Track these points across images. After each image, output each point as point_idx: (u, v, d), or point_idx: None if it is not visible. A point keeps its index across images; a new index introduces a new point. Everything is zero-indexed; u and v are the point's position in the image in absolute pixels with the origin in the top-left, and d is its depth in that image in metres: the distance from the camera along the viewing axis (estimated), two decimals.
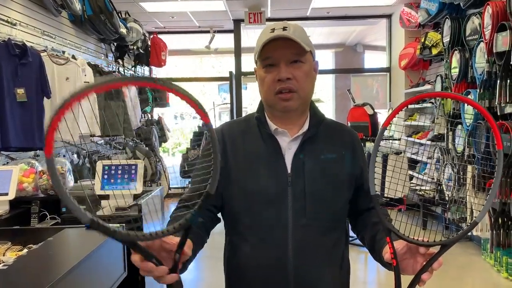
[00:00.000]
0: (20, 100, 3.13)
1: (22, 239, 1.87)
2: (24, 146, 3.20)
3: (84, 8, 4.32)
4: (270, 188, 1.17)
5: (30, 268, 1.48)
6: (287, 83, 1.14)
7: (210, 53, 9.23)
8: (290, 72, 1.14)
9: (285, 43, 1.12)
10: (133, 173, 2.45)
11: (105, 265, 1.79)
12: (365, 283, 3.99)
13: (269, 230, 1.17)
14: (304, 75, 1.16)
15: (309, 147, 1.20)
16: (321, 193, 1.18)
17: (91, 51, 4.95)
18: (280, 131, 1.21)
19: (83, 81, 3.93)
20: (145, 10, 6.17)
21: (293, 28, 1.15)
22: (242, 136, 1.24)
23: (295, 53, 1.14)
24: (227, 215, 1.24)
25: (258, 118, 1.24)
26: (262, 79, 1.18)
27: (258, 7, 6.35)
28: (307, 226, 1.16)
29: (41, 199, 2.47)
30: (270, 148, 1.20)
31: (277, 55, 1.14)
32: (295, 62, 1.15)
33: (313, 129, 1.22)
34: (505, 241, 3.80)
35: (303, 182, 1.17)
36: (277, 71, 1.14)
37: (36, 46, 3.54)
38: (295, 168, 1.18)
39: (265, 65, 1.16)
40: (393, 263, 0.98)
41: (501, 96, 3.57)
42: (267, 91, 1.18)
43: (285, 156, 1.19)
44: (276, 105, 1.18)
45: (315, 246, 1.17)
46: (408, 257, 1.02)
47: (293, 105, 1.17)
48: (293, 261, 1.15)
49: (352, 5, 6.39)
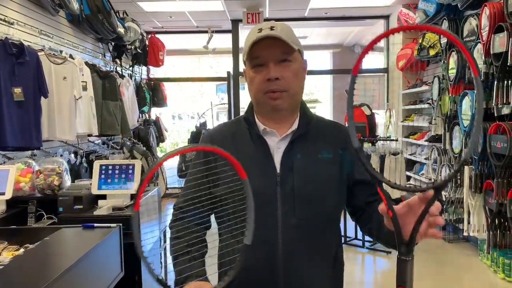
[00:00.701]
0: (17, 99, 3.12)
1: (18, 239, 1.87)
2: (21, 145, 3.19)
3: (82, 8, 4.31)
4: (259, 188, 1.15)
5: (26, 268, 1.47)
6: (276, 83, 1.15)
7: (208, 53, 9.23)
8: (279, 72, 1.14)
9: (273, 42, 1.13)
10: (130, 173, 2.45)
11: (102, 265, 1.79)
12: (361, 283, 3.99)
13: (258, 231, 1.16)
14: (293, 75, 1.17)
15: (298, 146, 1.20)
16: (311, 192, 1.17)
17: (88, 50, 4.94)
18: (269, 131, 1.21)
19: (81, 80, 3.92)
20: (143, 9, 6.16)
21: (281, 27, 1.15)
22: (232, 138, 1.25)
23: (283, 52, 1.15)
24: (219, 215, 1.25)
25: (246, 118, 1.25)
26: (251, 79, 1.19)
27: (256, 7, 6.36)
28: (297, 226, 1.16)
29: (37, 199, 2.46)
30: (259, 149, 1.20)
31: (266, 54, 1.15)
32: (283, 61, 1.16)
33: (302, 128, 1.22)
34: (502, 242, 3.81)
35: (292, 182, 1.17)
36: (266, 71, 1.15)
37: (34, 46, 3.53)
38: (284, 167, 1.18)
39: (254, 65, 1.17)
40: (389, 214, 0.90)
41: (498, 97, 3.58)
42: (256, 91, 1.19)
43: (274, 156, 1.20)
44: (265, 105, 1.19)
45: (305, 246, 1.17)
46: (410, 219, 0.91)
47: (282, 104, 1.18)
48: (282, 261, 1.15)
49: (350, 6, 6.40)
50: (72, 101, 3.79)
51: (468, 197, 4.18)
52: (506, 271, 3.71)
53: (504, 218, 3.72)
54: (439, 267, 4.15)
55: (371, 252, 4.61)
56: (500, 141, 3.55)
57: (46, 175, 2.55)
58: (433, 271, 4.03)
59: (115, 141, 5.45)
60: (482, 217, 4.02)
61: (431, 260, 4.30)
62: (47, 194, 2.53)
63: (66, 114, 3.73)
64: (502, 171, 3.62)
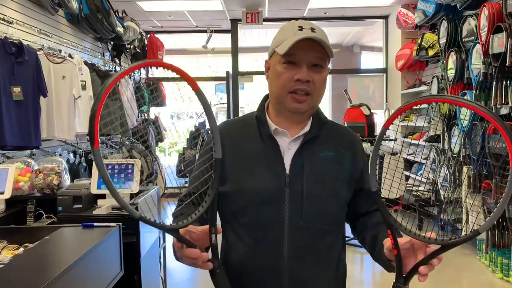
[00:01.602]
0: (16, 98, 3.12)
1: (18, 238, 1.87)
2: (20, 145, 3.18)
3: (81, 7, 4.30)
4: (267, 188, 1.16)
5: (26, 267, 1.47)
6: (305, 85, 1.13)
7: (207, 53, 9.22)
8: (310, 75, 1.13)
9: (312, 45, 1.11)
10: (129, 172, 2.45)
11: (102, 264, 1.79)
12: (361, 283, 4.00)
13: (265, 231, 1.16)
14: (322, 81, 1.16)
15: (309, 148, 1.19)
16: (319, 195, 1.16)
17: (87, 50, 4.93)
18: (280, 131, 1.19)
19: (80, 80, 3.91)
20: (142, 9, 6.16)
21: (320, 32, 1.14)
22: (240, 136, 1.23)
23: (319, 57, 1.13)
24: (224, 214, 1.24)
25: (257, 117, 1.23)
26: (278, 74, 1.16)
27: (255, 7, 6.36)
28: (303, 227, 1.15)
29: (37, 198, 2.46)
30: (269, 148, 1.19)
31: (302, 55, 1.12)
32: (316, 65, 1.14)
33: (314, 130, 1.20)
34: (500, 242, 3.83)
35: (301, 183, 1.16)
36: (297, 70, 1.13)
37: (33, 45, 3.53)
38: (294, 168, 1.17)
39: (286, 61, 1.14)
40: (394, 252, 0.97)
41: (496, 97, 3.59)
42: (281, 88, 1.16)
43: (284, 156, 1.18)
44: (287, 104, 1.17)
45: (311, 248, 1.17)
46: (410, 254, 1.01)
47: (304, 108, 1.17)
48: (288, 262, 1.15)
49: (349, 6, 6.40)
50: (71, 101, 3.78)
51: (466, 197, 4.19)
52: (505, 271, 3.72)
53: (503, 218, 3.72)
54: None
55: None
56: (499, 141, 3.56)
57: (46, 174, 2.55)
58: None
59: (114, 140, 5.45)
60: (481, 217, 4.03)
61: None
62: (47, 193, 2.53)
63: (65, 113, 3.73)
64: (501, 171, 3.63)
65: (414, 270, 0.97)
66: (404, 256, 0.99)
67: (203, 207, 0.98)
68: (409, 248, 0.99)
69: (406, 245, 0.99)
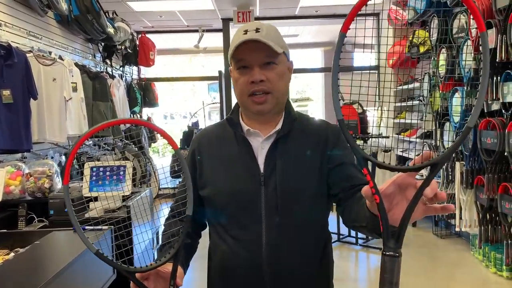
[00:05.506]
0: (6, 101, 3.08)
1: (9, 243, 1.85)
2: (11, 148, 3.15)
3: (71, 8, 4.27)
4: (244, 189, 1.19)
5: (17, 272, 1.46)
6: (260, 85, 1.15)
7: (199, 52, 9.20)
8: (263, 74, 1.15)
9: (258, 45, 1.13)
10: (121, 174, 2.43)
11: (94, 267, 1.77)
12: (355, 280, 4.01)
13: (243, 230, 1.19)
14: (278, 77, 1.17)
15: (282, 146, 1.21)
16: (293, 191, 1.18)
17: (78, 51, 4.90)
18: (253, 132, 1.22)
19: (70, 81, 3.88)
20: (132, 9, 6.12)
21: (266, 29, 1.15)
22: (218, 140, 1.27)
23: (267, 56, 1.15)
24: (208, 216, 1.28)
25: (229, 119, 1.26)
26: (235, 80, 1.19)
27: (246, 6, 6.34)
28: (280, 224, 1.17)
29: (28, 202, 2.44)
30: (243, 150, 1.22)
31: (250, 57, 1.15)
32: (268, 64, 1.16)
33: (285, 127, 1.22)
34: (493, 237, 3.85)
35: (274, 181, 1.18)
36: (250, 73, 1.15)
37: (22, 47, 3.49)
38: (267, 167, 1.19)
39: (239, 66, 1.17)
40: (376, 199, 0.75)
41: (487, 93, 3.61)
42: (240, 93, 1.19)
43: (258, 156, 1.21)
44: (250, 107, 1.20)
45: (290, 244, 1.18)
46: (398, 200, 0.80)
47: (267, 107, 1.19)
48: (267, 259, 1.16)
49: (340, 4, 6.41)
50: (62, 103, 3.75)
51: (459, 193, 4.21)
52: (498, 266, 3.74)
53: (495, 213, 3.75)
54: (431, 262, 4.18)
55: (364, 249, 4.63)
56: (490, 137, 3.58)
57: (37, 177, 2.53)
58: (425, 266, 4.06)
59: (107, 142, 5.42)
60: (474, 212, 4.05)
61: (423, 255, 4.33)
62: (38, 197, 2.51)
63: (56, 115, 3.69)
64: (493, 166, 3.65)
65: (404, 223, 0.74)
66: (390, 207, 0.79)
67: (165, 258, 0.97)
68: (394, 192, 0.79)
69: (388, 189, 0.78)
